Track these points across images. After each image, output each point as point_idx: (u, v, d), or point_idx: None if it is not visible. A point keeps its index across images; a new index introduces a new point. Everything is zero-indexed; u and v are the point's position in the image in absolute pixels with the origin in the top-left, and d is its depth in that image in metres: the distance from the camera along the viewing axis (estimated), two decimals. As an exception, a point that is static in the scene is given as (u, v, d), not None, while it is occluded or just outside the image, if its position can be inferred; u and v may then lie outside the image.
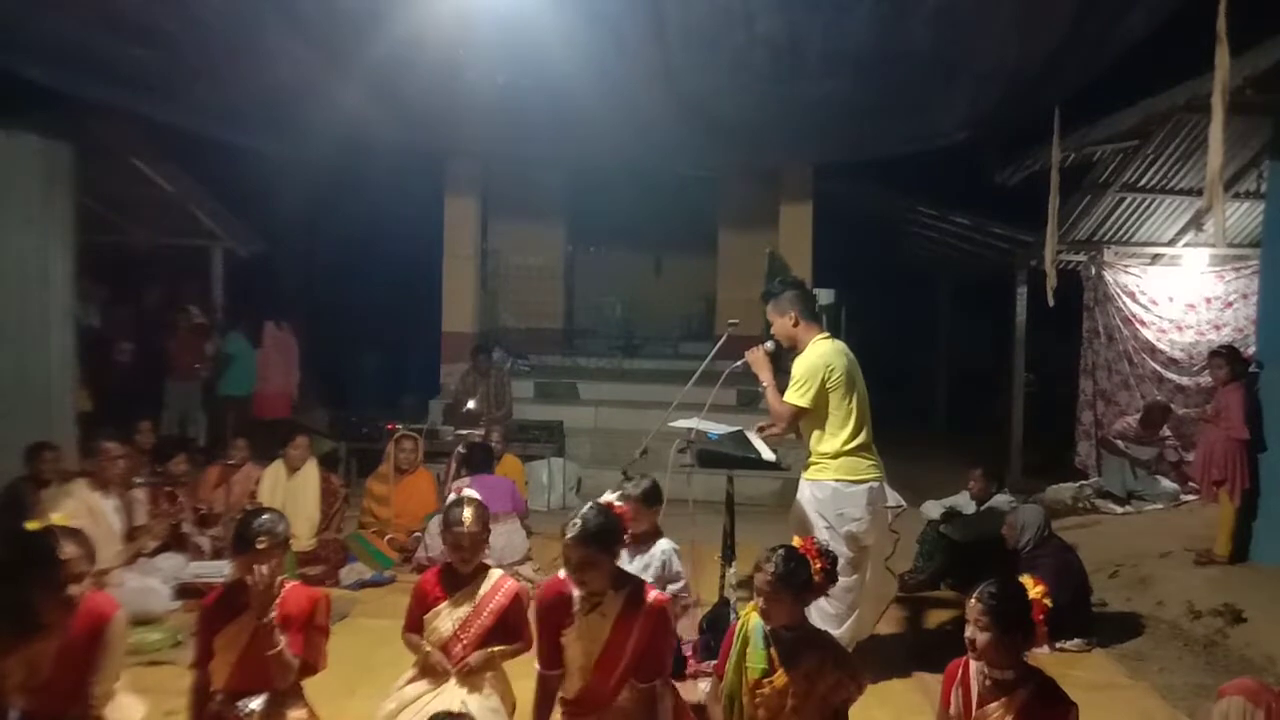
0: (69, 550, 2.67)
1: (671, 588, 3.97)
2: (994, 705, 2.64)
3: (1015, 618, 2.61)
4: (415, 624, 3.42)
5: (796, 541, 2.89)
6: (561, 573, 3.06)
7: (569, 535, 2.88)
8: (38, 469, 5.55)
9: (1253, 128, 7.34)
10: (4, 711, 2.63)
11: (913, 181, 10.29)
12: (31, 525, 2.70)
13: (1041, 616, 2.64)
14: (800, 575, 2.77)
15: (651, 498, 4.09)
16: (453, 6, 5.51)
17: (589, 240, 12.62)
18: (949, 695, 2.77)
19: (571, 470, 8.58)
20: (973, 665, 2.74)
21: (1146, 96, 7.29)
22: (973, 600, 2.65)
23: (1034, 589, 2.67)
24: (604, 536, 2.88)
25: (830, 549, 2.92)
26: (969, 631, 2.64)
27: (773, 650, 2.81)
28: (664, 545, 4.15)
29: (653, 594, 2.99)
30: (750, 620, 2.88)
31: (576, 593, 2.95)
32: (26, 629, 2.61)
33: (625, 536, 3.01)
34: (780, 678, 2.76)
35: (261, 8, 5.63)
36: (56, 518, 2.77)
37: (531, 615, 3.23)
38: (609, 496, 3.09)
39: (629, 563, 3.71)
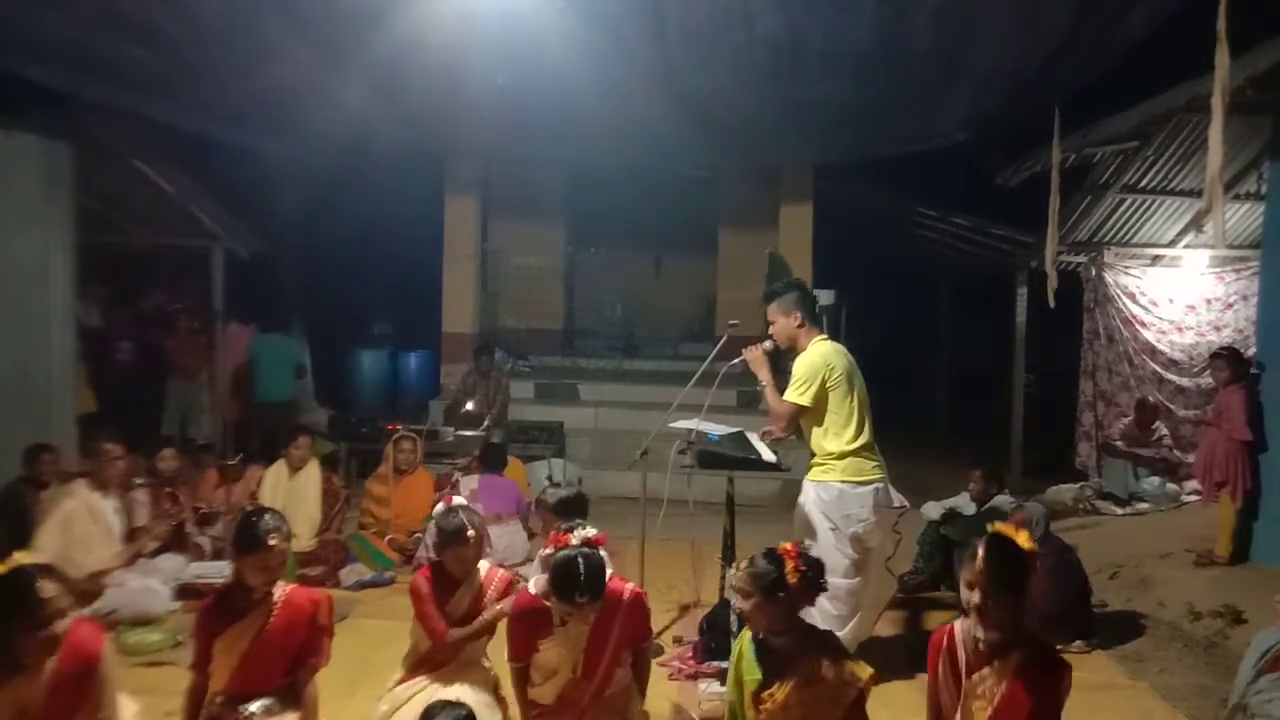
0: (48, 589, 2.55)
1: None
2: (988, 670, 2.58)
3: (1014, 575, 2.56)
4: (444, 619, 3.40)
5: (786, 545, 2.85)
6: (532, 587, 3.13)
7: (582, 601, 2.91)
8: (37, 470, 5.55)
9: (1253, 128, 7.34)
10: None
11: (913, 182, 10.27)
12: (0, 569, 2.57)
13: (1037, 564, 2.59)
14: (770, 574, 2.72)
15: (570, 509, 3.77)
16: (453, 6, 5.52)
17: (589, 240, 12.61)
18: (936, 663, 2.72)
19: (572, 471, 8.57)
20: (958, 630, 2.68)
21: (1146, 97, 7.28)
22: (970, 561, 2.58)
23: (1020, 537, 2.60)
24: (603, 581, 2.98)
25: (814, 556, 2.86)
26: (969, 595, 2.57)
27: (766, 662, 2.76)
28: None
29: (627, 587, 3.06)
30: (747, 634, 2.86)
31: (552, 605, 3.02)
32: (6, 670, 2.54)
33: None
34: (779, 691, 2.70)
35: (261, 8, 5.63)
36: (20, 556, 2.67)
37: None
38: (586, 534, 3.02)
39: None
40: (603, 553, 3.03)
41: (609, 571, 3.05)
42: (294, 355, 9.10)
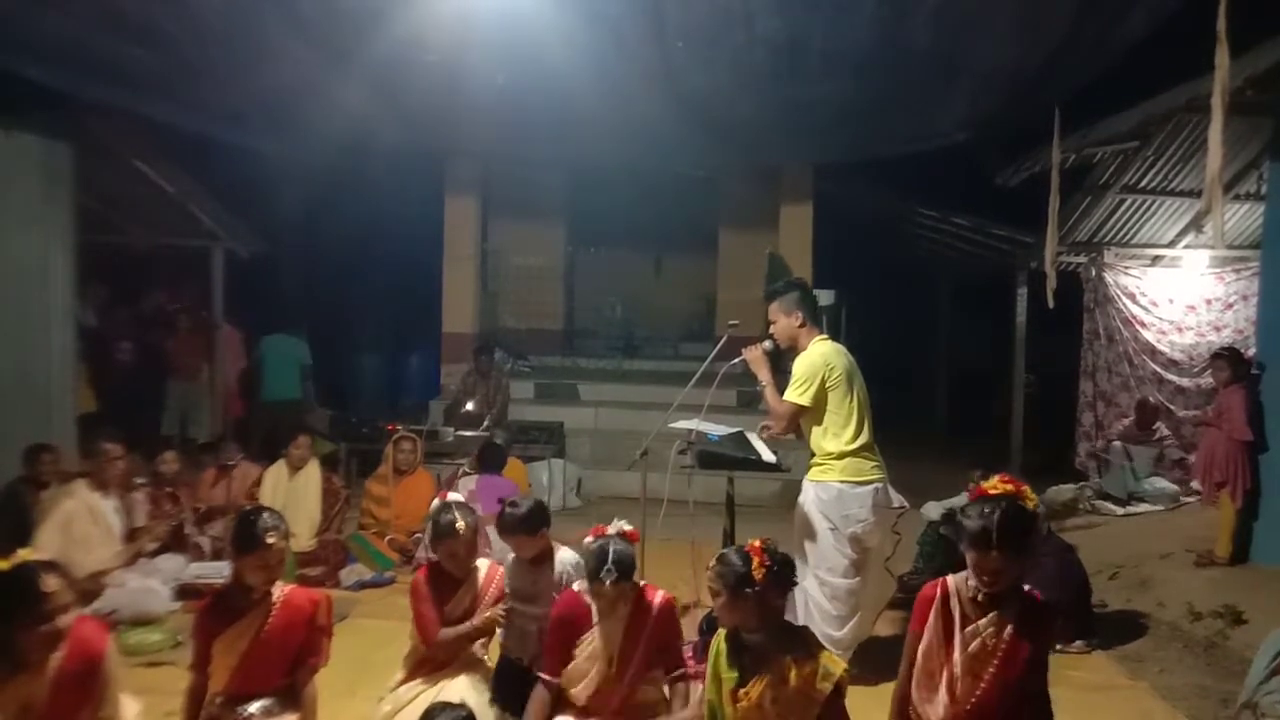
0: (51, 583, 2.54)
1: None
2: (986, 620, 2.61)
3: (1025, 537, 2.59)
4: (438, 620, 3.43)
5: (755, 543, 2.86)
6: (577, 586, 3.26)
7: (610, 581, 3.03)
8: (37, 471, 5.55)
9: (1253, 129, 7.34)
10: None
11: (913, 182, 10.28)
12: (1, 565, 2.56)
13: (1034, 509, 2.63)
14: (737, 570, 2.74)
15: (532, 522, 3.56)
16: (453, 6, 5.52)
17: (589, 240, 12.60)
18: (926, 615, 2.71)
19: (572, 471, 8.57)
20: (950, 583, 2.70)
21: (1147, 97, 7.28)
22: (981, 531, 2.54)
23: (1022, 491, 2.62)
24: (630, 565, 3.10)
25: (782, 552, 2.86)
26: (984, 560, 2.56)
27: (742, 659, 2.78)
28: (564, 558, 3.61)
29: (660, 593, 3.18)
30: (723, 631, 2.89)
31: (591, 601, 3.15)
32: (10, 667, 2.54)
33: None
34: (754, 688, 2.72)
35: (261, 8, 5.63)
36: (24, 552, 2.68)
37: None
38: (622, 526, 3.22)
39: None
40: (632, 539, 3.19)
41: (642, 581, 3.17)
42: (301, 356, 9.11)
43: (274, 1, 5.59)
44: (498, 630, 3.56)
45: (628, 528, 3.22)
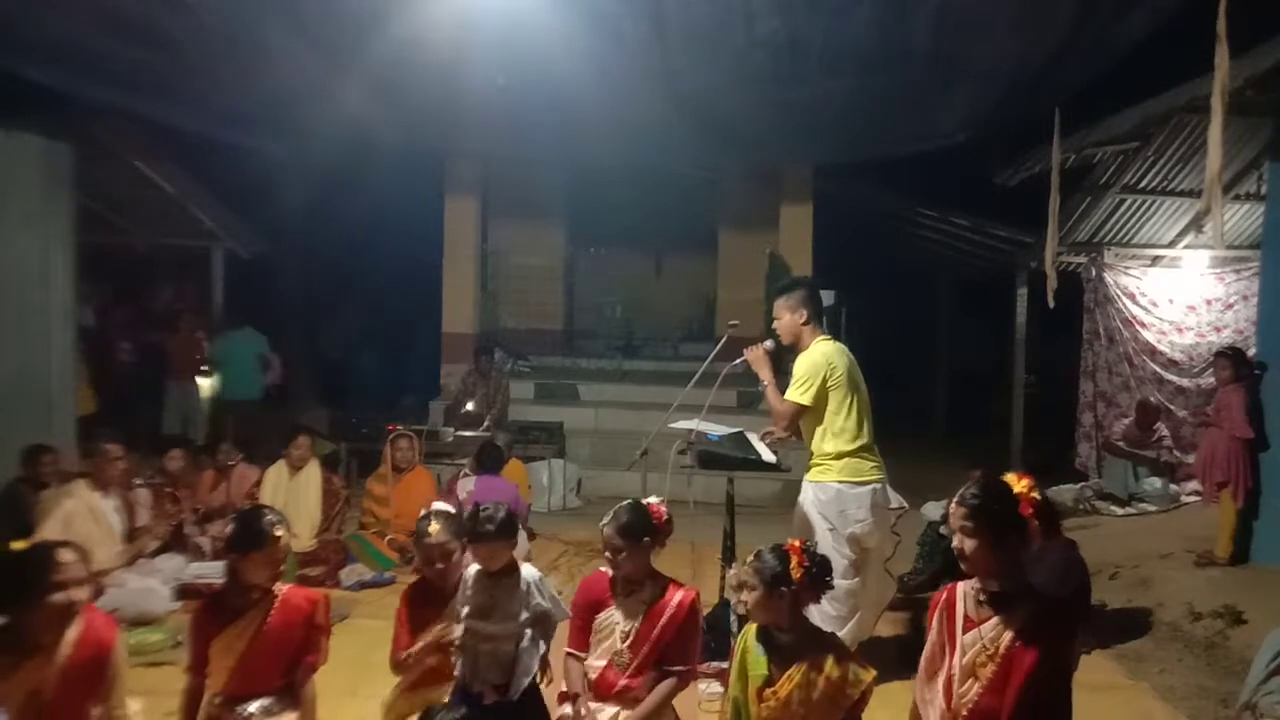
0: (65, 556, 2.62)
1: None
2: (989, 624, 2.50)
3: (1003, 518, 2.47)
4: (407, 643, 3.28)
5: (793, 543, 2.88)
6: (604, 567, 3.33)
7: (604, 525, 3.16)
8: (37, 471, 5.55)
9: (1253, 129, 7.34)
10: None
11: (913, 182, 10.29)
12: (19, 545, 2.64)
13: (1031, 510, 2.51)
14: (774, 568, 2.75)
15: (506, 528, 3.27)
16: (453, 7, 5.52)
17: (589, 240, 12.61)
18: (933, 619, 2.68)
19: (572, 471, 8.57)
20: (960, 586, 2.63)
21: (1147, 97, 7.28)
22: (954, 505, 2.52)
23: (1019, 484, 2.55)
24: (632, 529, 3.14)
25: (820, 554, 2.88)
26: (956, 541, 2.52)
27: (771, 657, 2.79)
28: (527, 573, 3.28)
29: (682, 590, 3.23)
30: (751, 629, 2.89)
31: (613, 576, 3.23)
32: (22, 649, 2.57)
33: (661, 534, 3.23)
34: (783, 686, 2.72)
35: (262, 8, 5.63)
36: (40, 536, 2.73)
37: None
38: (652, 500, 3.29)
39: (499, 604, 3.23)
40: (651, 512, 3.24)
41: (652, 530, 3.22)
42: (259, 349, 9.07)
43: (274, 2, 5.59)
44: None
45: (656, 502, 3.25)
